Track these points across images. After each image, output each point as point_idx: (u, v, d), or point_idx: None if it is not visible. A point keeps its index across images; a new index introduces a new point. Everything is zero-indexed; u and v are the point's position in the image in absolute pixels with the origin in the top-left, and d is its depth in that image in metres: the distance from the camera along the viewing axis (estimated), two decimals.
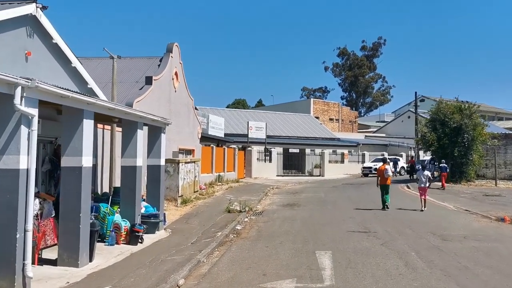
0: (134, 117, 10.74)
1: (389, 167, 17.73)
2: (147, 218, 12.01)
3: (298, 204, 18.97)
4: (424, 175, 16.71)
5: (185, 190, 18.43)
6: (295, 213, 15.98)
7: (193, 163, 19.70)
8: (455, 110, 29.77)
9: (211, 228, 12.74)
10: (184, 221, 14.31)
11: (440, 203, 19.34)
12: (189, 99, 23.56)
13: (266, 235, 11.54)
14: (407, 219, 14.10)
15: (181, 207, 17.09)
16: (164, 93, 19.82)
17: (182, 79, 22.38)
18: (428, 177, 16.69)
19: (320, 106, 66.64)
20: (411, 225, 12.69)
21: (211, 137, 30.03)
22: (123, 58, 21.71)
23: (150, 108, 18.09)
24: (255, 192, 23.84)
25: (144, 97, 17.54)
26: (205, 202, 18.69)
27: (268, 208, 17.77)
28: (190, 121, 23.82)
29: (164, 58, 20.40)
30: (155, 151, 12.83)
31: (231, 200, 17.89)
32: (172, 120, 20.98)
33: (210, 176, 27.03)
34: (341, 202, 19.65)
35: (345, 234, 11.28)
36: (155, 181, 12.80)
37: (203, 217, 14.82)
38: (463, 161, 29.58)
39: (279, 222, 13.75)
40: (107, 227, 10.58)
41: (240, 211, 15.54)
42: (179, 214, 15.50)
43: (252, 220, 14.57)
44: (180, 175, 17.75)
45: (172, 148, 20.92)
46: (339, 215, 15.04)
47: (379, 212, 15.67)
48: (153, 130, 12.87)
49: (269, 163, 37.93)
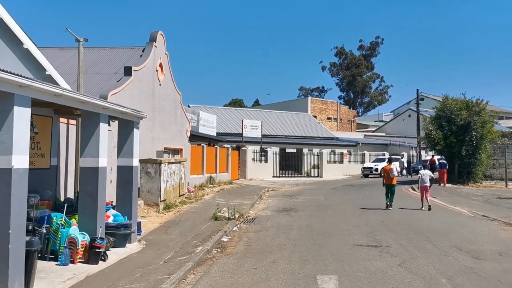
0: (94, 107, 8.79)
1: (394, 167, 17.30)
2: (115, 229, 10.07)
3: (295, 209, 17.04)
4: (425, 174, 16.59)
5: (168, 193, 16.47)
6: (292, 220, 14.05)
7: (178, 164, 17.74)
8: (463, 107, 27.91)
9: (193, 240, 10.79)
10: (163, 230, 12.36)
11: (453, 208, 17.45)
12: (176, 94, 21.60)
13: (256, 250, 9.60)
14: (422, 227, 12.16)
15: (163, 213, 15.14)
16: (147, 86, 17.86)
17: (168, 71, 20.42)
18: (430, 176, 16.60)
19: (318, 105, 64.80)
20: (429, 236, 10.76)
21: (202, 136, 28.08)
22: (102, 48, 19.81)
23: (130, 102, 16.13)
24: (249, 195, 21.90)
25: (122, 90, 15.57)
26: (192, 207, 16.73)
27: (262, 214, 15.83)
28: (177, 118, 21.86)
29: (147, 47, 18.43)
30: (126, 149, 10.87)
31: (220, 205, 15.93)
32: (156, 116, 19.18)
33: (200, 178, 25.08)
34: (342, 206, 17.73)
35: (351, 249, 9.34)
36: (126, 184, 10.83)
37: (186, 226, 12.87)
38: (471, 160, 27.72)
39: (273, 232, 11.80)
40: (61, 243, 8.62)
41: (228, 218, 13.59)
42: (159, 222, 13.54)
43: (242, 229, 12.63)
44: (162, 177, 15.79)
45: (157, 147, 18.99)
46: (342, 223, 13.11)
47: (388, 219, 13.75)
48: (124, 124, 10.91)
49: (264, 163, 35.97)
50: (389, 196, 16.40)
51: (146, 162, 15.76)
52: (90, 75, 17.13)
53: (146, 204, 15.62)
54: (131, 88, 16.34)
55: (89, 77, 16.94)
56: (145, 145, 17.77)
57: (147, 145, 18.00)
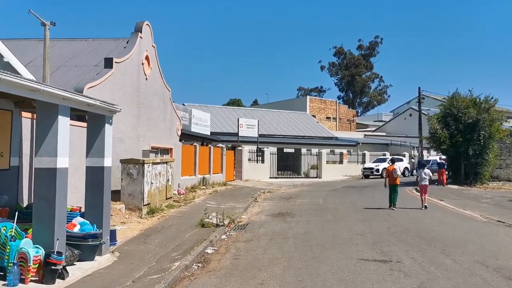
0: (50, 98, 7.36)
1: (397, 167, 17.39)
2: (81, 240, 8.67)
3: (291, 213, 15.63)
4: (424, 173, 16.78)
5: (153, 197, 15.05)
6: (288, 226, 12.63)
7: (165, 164, 16.31)
8: (470, 104, 26.52)
9: (172, 252, 9.38)
10: (142, 239, 10.94)
11: (463, 212, 16.07)
12: (164, 90, 20.18)
13: (244, 265, 8.18)
14: (434, 236, 10.76)
15: (147, 219, 13.72)
16: (131, 80, 16.45)
17: (155, 65, 19.00)
18: (429, 175, 16.90)
19: (317, 104, 63.46)
20: (445, 247, 9.35)
21: (195, 135, 26.69)
22: (84, 40, 18.41)
23: (111, 97, 14.70)
24: (243, 197, 20.49)
25: (101, 83, 14.15)
26: (179, 212, 15.31)
27: (255, 219, 14.41)
28: (166, 115, 20.44)
29: (131, 38, 17.00)
30: (97, 148, 9.45)
31: (210, 209, 14.54)
32: (142, 113, 17.74)
33: (192, 179, 23.65)
34: (343, 210, 16.34)
35: (356, 265, 7.92)
36: (96, 188, 9.41)
37: (169, 234, 11.45)
38: (478, 161, 26.33)
39: (265, 242, 10.38)
40: (9, 258, 7.20)
41: (217, 225, 12.16)
42: (140, 229, 12.12)
43: (231, 238, 11.21)
44: (145, 178, 14.37)
45: (143, 146, 17.57)
46: (343, 230, 11.70)
47: (394, 225, 12.35)
48: (93, 119, 9.50)
49: (261, 164, 34.55)
50: (392, 196, 16.35)
51: (127, 163, 14.35)
52: (69, 67, 15.76)
53: (127, 209, 14.20)
54: (112, 81, 14.92)
55: (67, 70, 15.58)
56: (130, 144, 16.39)
57: (132, 144, 16.60)
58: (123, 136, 15.78)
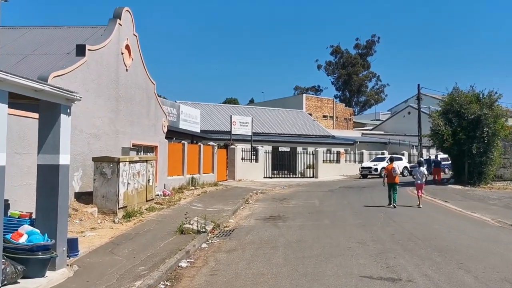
0: None
1: (396, 166, 17.39)
2: (28, 252, 7.22)
3: (284, 216, 14.21)
4: (420, 172, 16.91)
5: (130, 199, 13.58)
6: (279, 232, 11.20)
7: (145, 163, 14.84)
8: (473, 100, 25.16)
9: (140, 266, 7.93)
10: (110, 248, 9.48)
11: (471, 215, 14.71)
12: (148, 83, 18.70)
13: (221, 284, 6.74)
14: (446, 245, 9.35)
15: (121, 224, 12.25)
16: (108, 70, 14.97)
17: (137, 56, 17.52)
18: (424, 174, 16.97)
19: (313, 102, 62.05)
20: (461, 259, 7.94)
21: (183, 132, 25.20)
22: (58, 27, 16.92)
23: (83, 88, 13.28)
24: (233, 198, 19.04)
25: (71, 72, 12.67)
26: (159, 215, 13.84)
27: (243, 224, 12.98)
28: (150, 111, 18.96)
29: (109, 25, 15.51)
30: (50, 142, 7.98)
31: (193, 212, 13.11)
32: (122, 107, 16.25)
33: (180, 179, 22.20)
34: (341, 213, 14.93)
35: (358, 284, 6.50)
36: (50, 190, 7.93)
37: (142, 242, 10.00)
38: (483, 159, 24.95)
39: (251, 253, 8.94)
40: None
41: (198, 231, 10.70)
42: (111, 236, 10.66)
43: (213, 247, 9.78)
44: (121, 178, 12.90)
45: (122, 144, 16.08)
46: (341, 237, 10.27)
47: (399, 231, 10.94)
48: (46, 109, 8.03)
49: (255, 163, 33.10)
50: (392, 194, 16.24)
51: (101, 161, 12.88)
52: (38, 56, 14.29)
53: (100, 213, 12.74)
54: (85, 71, 13.44)
55: (35, 58, 14.11)
56: (107, 141, 14.92)
57: (109, 141, 15.13)
58: (98, 132, 14.31)
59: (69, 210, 12.46)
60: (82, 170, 13.25)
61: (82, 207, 12.68)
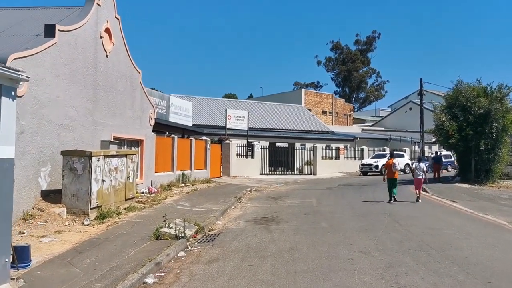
0: None
1: (396, 161, 17.28)
2: None
3: (277, 218, 12.81)
4: (419, 168, 17.00)
5: (106, 198, 12.15)
6: (270, 238, 9.79)
7: (124, 158, 13.39)
8: (481, 93, 23.72)
9: (96, 283, 6.52)
10: (70, 257, 8.06)
11: (484, 217, 13.33)
12: (133, 71, 17.24)
13: None
14: (465, 255, 7.95)
15: (93, 226, 10.83)
16: (84, 55, 13.50)
17: (120, 41, 16.06)
18: (423, 170, 17.01)
19: (313, 97, 60.61)
20: (491, 278, 6.53)
21: (174, 126, 23.74)
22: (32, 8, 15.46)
23: (53, 72, 11.87)
24: (225, 197, 17.62)
25: (38, 54, 11.20)
26: (138, 216, 12.41)
27: (231, 227, 11.57)
28: (135, 101, 17.51)
29: (86, 5, 14.03)
30: None
31: (178, 212, 11.68)
32: (101, 96, 14.76)
33: (169, 176, 20.78)
34: (340, 214, 13.53)
35: None
36: None
37: (109, 250, 8.58)
38: (491, 156, 23.53)
39: (234, 265, 7.52)
40: None
41: (176, 237, 9.29)
42: (75, 242, 9.24)
43: (191, 256, 8.36)
44: (94, 175, 11.47)
45: (102, 136, 14.64)
46: (341, 245, 8.87)
47: (407, 238, 9.54)
48: None
49: (251, 159, 31.66)
50: (391, 190, 16.22)
51: (70, 155, 11.44)
52: (3, 37, 12.82)
53: (70, 213, 11.32)
54: (55, 54, 11.97)
55: (2, 40, 12.62)
56: (82, 133, 13.47)
57: (85, 133, 13.68)
58: (71, 123, 12.85)
59: (34, 210, 11.09)
60: (51, 165, 11.81)
61: (49, 207, 11.25)
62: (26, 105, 10.81)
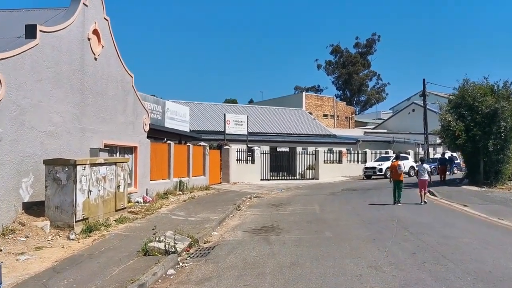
0: None
1: (402, 163, 17.32)
2: None
3: (278, 227, 11.96)
4: (423, 169, 16.79)
5: (93, 209, 11.31)
6: (269, 251, 8.93)
7: (113, 166, 12.56)
8: (488, 92, 22.87)
9: None
10: (46, 278, 7.23)
11: (500, 222, 12.48)
12: (125, 75, 16.45)
13: None
14: (491, 271, 7.09)
15: (77, 241, 9.98)
16: (70, 57, 12.71)
17: (110, 43, 15.27)
18: (428, 170, 16.81)
19: (313, 100, 59.88)
20: None
21: (170, 132, 22.93)
22: (16, 10, 14.70)
23: (34, 76, 11.06)
24: (223, 204, 16.78)
25: (16, 56, 10.42)
26: (129, 228, 11.56)
27: (228, 238, 10.71)
28: (127, 107, 16.70)
29: (71, 5, 13.26)
30: None
31: (172, 222, 10.83)
32: (89, 101, 13.86)
33: (165, 183, 19.96)
34: (345, 222, 12.67)
35: None
36: None
37: (91, 268, 7.74)
38: (500, 157, 22.63)
39: (228, 284, 6.68)
40: None
41: (166, 252, 8.44)
42: (55, 259, 8.40)
43: (181, 274, 7.51)
44: (79, 185, 10.64)
45: (91, 144, 13.83)
46: (348, 259, 8.00)
47: (420, 248, 8.67)
48: None
49: (251, 164, 30.84)
50: (396, 192, 16.11)
51: (53, 164, 10.62)
52: None
53: (54, 226, 10.47)
54: (37, 56, 11.18)
55: None
56: (68, 140, 12.65)
57: (72, 140, 12.85)
58: (56, 130, 12.03)
59: (14, 224, 10.24)
60: (33, 176, 10.99)
61: (31, 220, 10.42)
62: (4, 111, 10.02)
